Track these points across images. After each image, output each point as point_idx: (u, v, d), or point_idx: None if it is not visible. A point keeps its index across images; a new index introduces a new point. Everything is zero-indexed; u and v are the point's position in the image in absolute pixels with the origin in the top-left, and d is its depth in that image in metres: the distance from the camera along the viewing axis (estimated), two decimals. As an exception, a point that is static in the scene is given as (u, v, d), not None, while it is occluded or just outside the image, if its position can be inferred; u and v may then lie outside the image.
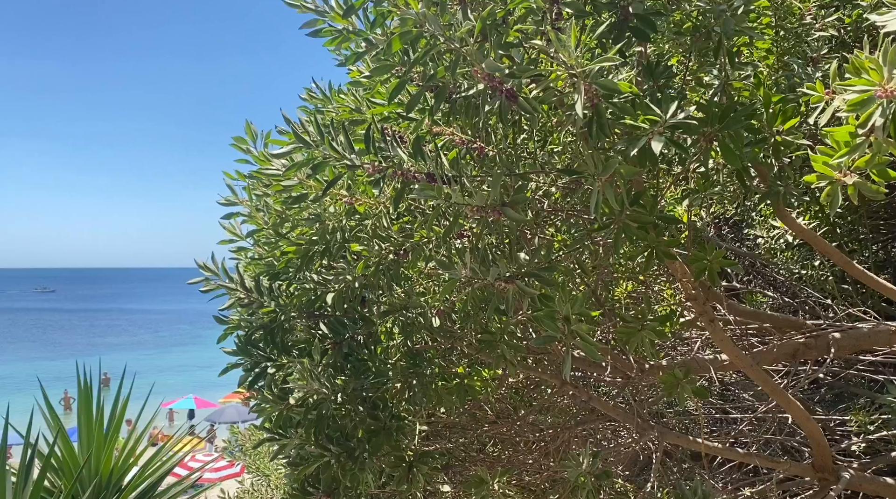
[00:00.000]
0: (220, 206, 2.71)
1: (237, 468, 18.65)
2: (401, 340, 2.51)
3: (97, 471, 4.28)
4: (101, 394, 4.45)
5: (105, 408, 4.44)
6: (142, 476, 4.36)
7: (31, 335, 71.95)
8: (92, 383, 4.47)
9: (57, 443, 4.21)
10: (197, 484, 5.95)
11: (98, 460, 4.29)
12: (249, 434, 6.77)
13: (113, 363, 4.35)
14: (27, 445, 3.71)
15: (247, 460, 6.32)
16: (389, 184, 2.04)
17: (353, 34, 1.94)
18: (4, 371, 47.09)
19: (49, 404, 4.62)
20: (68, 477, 4.19)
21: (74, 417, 5.52)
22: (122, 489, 4.27)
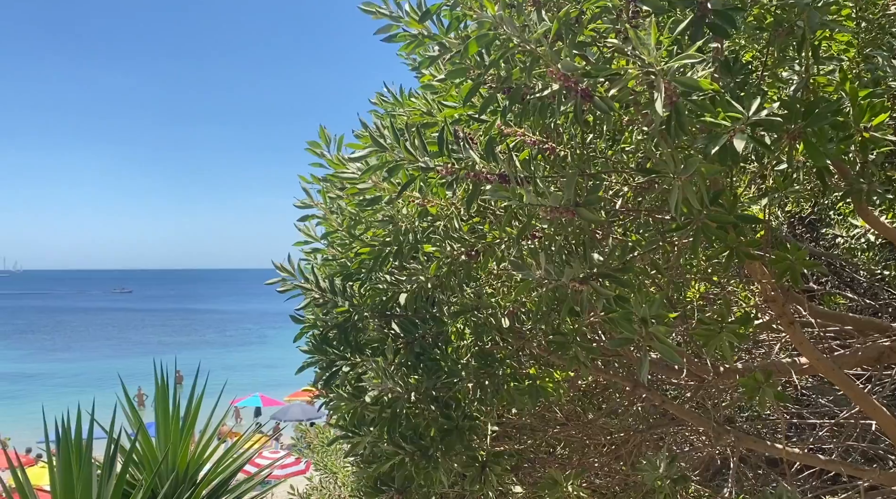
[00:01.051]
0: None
1: (302, 465, 19.03)
2: (471, 341, 2.52)
3: (174, 465, 4.41)
4: (176, 391, 4.59)
5: (178, 404, 4.56)
6: (215, 471, 4.48)
7: (107, 334, 75.08)
8: (168, 381, 4.61)
9: (137, 438, 4.37)
10: (265, 481, 6.10)
11: (175, 454, 4.42)
12: (317, 432, 6.89)
13: (183, 362, 4.49)
14: (110, 439, 3.84)
15: (315, 457, 6.44)
16: (461, 185, 2.06)
17: (428, 38, 1.96)
18: (82, 368, 49.28)
19: (129, 400, 4.80)
20: (148, 471, 4.34)
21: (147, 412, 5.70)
22: (196, 484, 4.39)
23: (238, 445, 4.72)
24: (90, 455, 3.78)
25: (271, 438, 22.80)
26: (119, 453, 4.06)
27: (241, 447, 4.77)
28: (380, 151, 1.97)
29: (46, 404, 16.97)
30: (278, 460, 10.86)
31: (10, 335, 73.26)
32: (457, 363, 2.46)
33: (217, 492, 4.51)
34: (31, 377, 45.76)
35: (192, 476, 4.47)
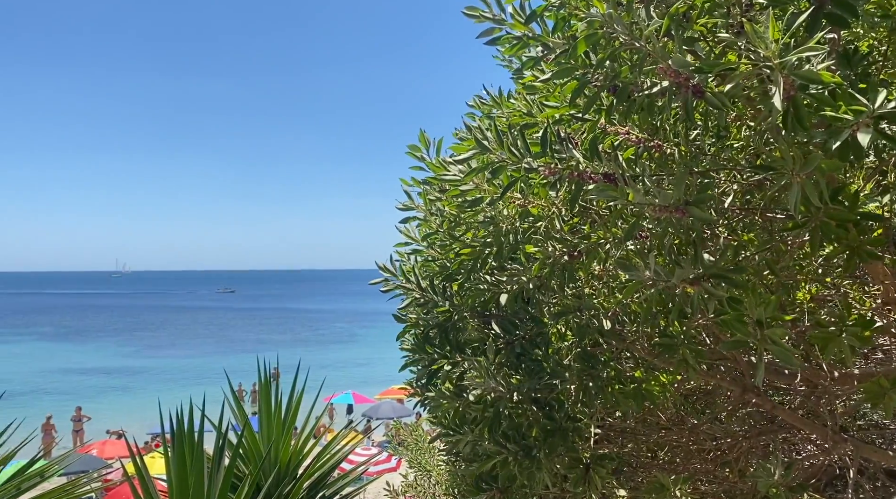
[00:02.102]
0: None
1: (393, 463, 19.33)
2: (572, 342, 2.50)
3: (276, 459, 4.55)
4: (278, 387, 4.73)
5: (280, 400, 4.70)
6: (315, 466, 4.60)
7: (210, 332, 78.66)
8: (270, 377, 4.75)
9: (244, 433, 4.53)
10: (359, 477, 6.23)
11: (277, 449, 4.57)
12: (411, 430, 7.00)
13: (279, 359, 4.68)
14: (219, 433, 4.00)
15: (409, 454, 6.54)
16: (564, 186, 2.05)
17: (532, 40, 1.97)
18: (187, 364, 51.81)
19: (235, 395, 5.01)
20: (253, 464, 4.50)
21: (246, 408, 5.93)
22: (297, 478, 4.52)
23: (336, 441, 4.84)
24: (202, 447, 3.95)
25: (366, 436, 23.28)
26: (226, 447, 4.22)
27: (339, 444, 4.88)
28: (483, 152, 1.98)
29: (154, 398, 17.90)
30: (373, 458, 11.03)
31: (121, 332, 78.01)
32: (559, 364, 2.45)
33: (316, 486, 4.63)
34: (141, 372, 48.50)
35: (294, 470, 4.60)
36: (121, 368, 50.39)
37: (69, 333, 77.10)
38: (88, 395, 38.28)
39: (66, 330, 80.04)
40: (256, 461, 4.46)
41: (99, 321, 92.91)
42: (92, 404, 33.66)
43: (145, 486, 3.85)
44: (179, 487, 3.85)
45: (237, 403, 4.90)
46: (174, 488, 3.86)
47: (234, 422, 4.71)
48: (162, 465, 5.29)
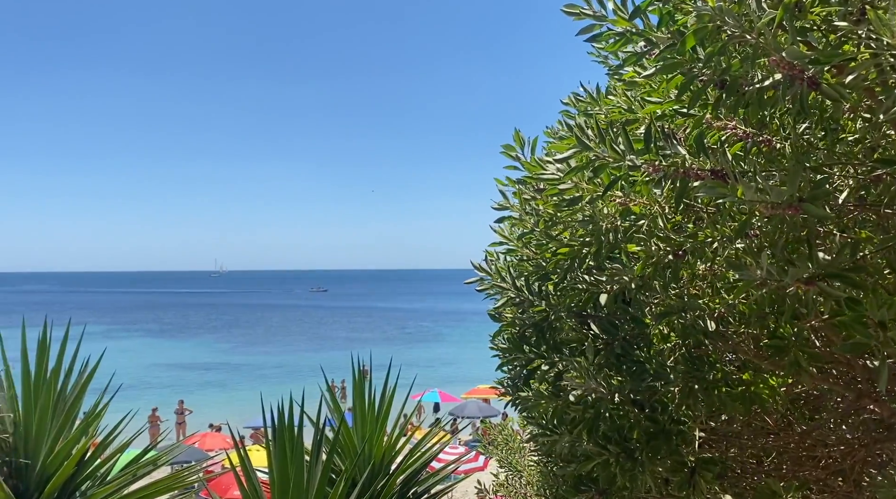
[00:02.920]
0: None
1: (480, 462, 19.37)
2: (675, 343, 2.44)
3: (370, 455, 4.63)
4: (371, 384, 4.80)
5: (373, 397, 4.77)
6: (407, 463, 4.65)
7: (301, 329, 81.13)
8: (363, 374, 4.83)
9: (340, 428, 4.64)
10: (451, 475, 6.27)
11: (371, 444, 4.65)
12: (500, 429, 7.00)
13: (367, 357, 4.78)
14: (317, 428, 4.10)
15: (499, 454, 6.55)
16: (668, 183, 2.01)
17: (635, 35, 1.94)
18: (281, 361, 53.61)
19: (332, 391, 5.14)
20: (349, 459, 4.59)
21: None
22: (390, 474, 4.59)
23: (427, 438, 4.89)
24: (301, 442, 4.06)
25: (454, 435, 23.42)
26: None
27: (430, 441, 4.93)
28: (583, 150, 1.97)
29: (251, 393, 18.73)
30: (464, 457, 11.08)
31: (219, 329, 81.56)
32: (662, 366, 2.40)
33: (408, 483, 4.68)
34: (238, 368, 50.54)
35: (387, 466, 4.68)
36: (219, 363, 52.66)
37: (172, 329, 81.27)
38: (189, 389, 40.19)
39: (170, 327, 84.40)
40: (351, 457, 4.56)
41: (199, 319, 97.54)
42: (192, 397, 35.32)
43: (249, 477, 4.00)
44: (280, 480, 3.97)
45: (333, 399, 5.03)
46: (275, 480, 3.98)
47: (329, 417, 4.82)
48: (259, 457, 5.49)
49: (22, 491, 3.79)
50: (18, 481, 3.80)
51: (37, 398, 3.96)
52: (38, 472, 3.86)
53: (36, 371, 4.01)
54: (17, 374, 4.06)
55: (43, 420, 3.93)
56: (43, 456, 3.89)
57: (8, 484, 3.63)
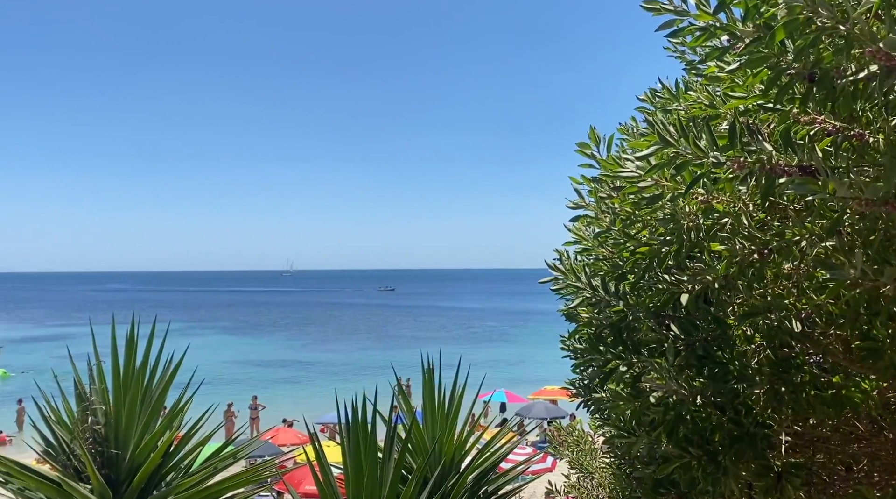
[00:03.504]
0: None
1: (548, 463, 19.21)
2: (760, 345, 2.37)
3: (441, 453, 4.64)
4: (441, 382, 4.81)
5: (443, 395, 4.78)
6: (477, 462, 4.65)
7: (369, 328, 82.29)
8: (433, 372, 4.85)
9: (412, 426, 4.68)
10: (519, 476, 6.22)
11: (442, 443, 4.66)
12: (570, 430, 6.93)
13: (434, 356, 4.79)
14: (389, 426, 4.15)
15: (570, 455, 6.48)
16: (753, 179, 1.95)
17: (720, 30, 1.89)
18: (350, 358, 54.51)
19: (402, 389, 5.19)
20: (421, 457, 4.62)
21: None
22: (461, 472, 4.59)
23: (497, 438, 4.89)
24: (375, 439, 4.11)
25: (523, 436, 23.32)
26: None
27: (499, 441, 4.92)
28: (665, 147, 1.93)
29: (321, 389, 19.04)
30: (534, 457, 11.01)
31: (290, 327, 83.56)
32: (746, 367, 2.33)
33: (478, 482, 4.69)
34: (309, 365, 51.66)
35: (457, 465, 4.69)
36: (290, 360, 53.96)
37: (245, 327, 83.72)
38: (262, 385, 41.29)
39: (243, 324, 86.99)
40: (422, 455, 4.59)
41: (271, 316, 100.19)
42: (265, 393, 36.29)
43: (324, 472, 4.07)
44: (355, 476, 4.03)
45: (404, 397, 5.08)
46: (350, 476, 4.04)
47: (398, 415, 4.86)
48: (330, 453, 5.58)
49: (113, 480, 3.98)
50: (110, 471, 3.99)
51: (126, 392, 4.15)
52: (128, 462, 4.05)
53: (125, 366, 4.20)
54: (107, 368, 4.26)
55: (132, 413, 4.12)
56: (132, 447, 4.07)
57: (101, 473, 3.81)
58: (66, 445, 4.12)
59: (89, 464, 3.75)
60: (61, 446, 4.15)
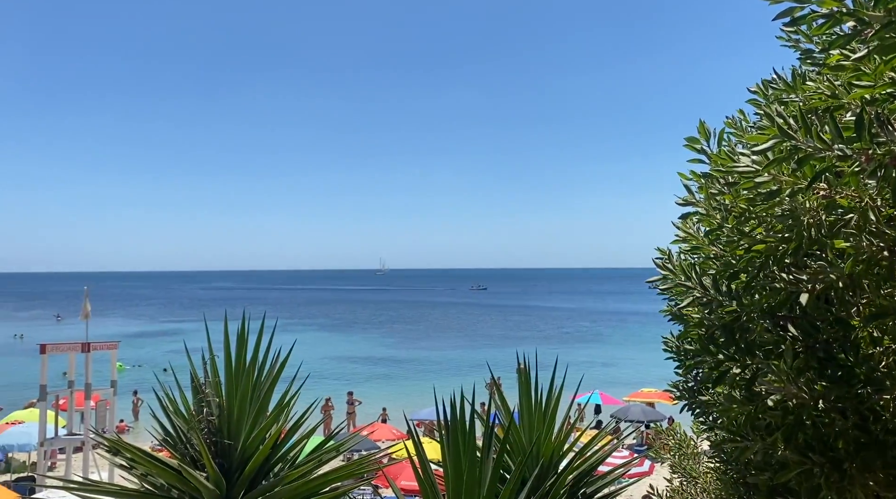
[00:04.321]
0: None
1: (646, 467, 18.73)
2: (888, 347, 2.22)
3: (538, 453, 4.60)
4: (538, 381, 4.76)
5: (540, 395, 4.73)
6: (576, 463, 4.58)
7: (460, 326, 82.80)
8: (529, 371, 4.80)
9: (510, 425, 4.65)
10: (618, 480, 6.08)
11: (540, 443, 4.62)
12: (672, 433, 6.75)
13: (522, 356, 4.74)
14: (486, 425, 4.14)
15: (672, 459, 6.31)
16: (882, 172, 1.84)
17: (846, 15, 1.79)
18: (441, 357, 55.00)
19: (498, 387, 5.18)
20: (520, 457, 4.59)
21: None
22: (559, 473, 4.53)
23: (596, 440, 4.81)
24: (473, 437, 4.12)
25: (620, 439, 22.90)
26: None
27: (598, 443, 4.84)
28: (786, 140, 1.85)
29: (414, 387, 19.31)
30: (633, 460, 10.77)
31: (384, 325, 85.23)
32: (874, 371, 2.20)
33: (577, 484, 4.61)
34: (402, 362, 52.49)
35: (555, 465, 4.63)
36: (384, 357, 54.99)
37: (341, 324, 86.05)
38: (358, 381, 42.32)
39: (339, 322, 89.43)
40: (520, 454, 4.56)
41: (365, 314, 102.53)
42: (361, 389, 37.15)
43: (425, 468, 4.12)
44: (454, 473, 4.05)
45: (501, 396, 5.07)
46: (449, 474, 4.06)
47: (494, 414, 4.84)
48: (426, 449, 5.64)
49: (226, 469, 4.17)
50: (223, 460, 4.18)
51: (237, 385, 4.34)
52: (240, 453, 4.23)
53: (236, 361, 4.40)
54: (218, 362, 4.47)
55: (243, 405, 4.30)
56: (243, 438, 4.26)
57: (215, 462, 4.00)
58: (183, 434, 4.35)
59: (205, 453, 3.95)
60: (178, 436, 4.38)
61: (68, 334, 70.75)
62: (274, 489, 4.10)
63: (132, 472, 4.30)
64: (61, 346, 18.54)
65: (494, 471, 4.03)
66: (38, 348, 17.96)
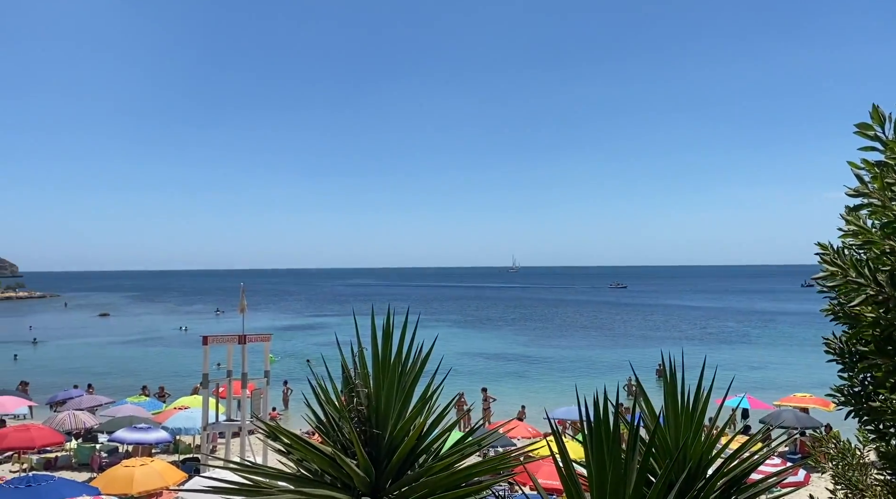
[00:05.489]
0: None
1: (800, 476, 17.55)
2: None
3: (685, 457, 4.42)
4: (684, 384, 4.57)
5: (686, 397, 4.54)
6: (725, 469, 4.36)
7: (595, 325, 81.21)
8: (676, 372, 4.62)
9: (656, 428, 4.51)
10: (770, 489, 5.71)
11: (688, 446, 4.43)
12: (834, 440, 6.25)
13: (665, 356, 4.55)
14: (631, 427, 4.02)
15: (835, 468, 5.85)
16: None
17: None
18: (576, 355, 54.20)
19: (642, 388, 5.03)
20: (665, 459, 4.44)
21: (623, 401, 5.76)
22: (708, 479, 4.33)
23: (748, 445, 4.56)
24: (619, 438, 4.02)
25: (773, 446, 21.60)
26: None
27: (750, 449, 4.59)
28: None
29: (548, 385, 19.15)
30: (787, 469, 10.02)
31: (516, 322, 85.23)
32: None
33: (728, 491, 4.40)
34: (535, 360, 52.26)
35: (703, 470, 4.43)
36: (517, 355, 54.99)
37: (473, 321, 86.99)
38: (491, 378, 42.57)
39: (471, 318, 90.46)
40: (666, 457, 4.41)
41: (497, 311, 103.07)
42: (494, 385, 37.34)
43: (568, 468, 4.07)
44: (598, 475, 3.99)
45: (645, 397, 4.92)
46: (593, 475, 4.00)
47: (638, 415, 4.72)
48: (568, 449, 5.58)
49: (374, 458, 4.34)
50: (372, 449, 4.36)
51: (384, 377, 4.51)
52: (387, 442, 4.39)
53: (382, 354, 4.57)
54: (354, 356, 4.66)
55: (389, 397, 4.46)
56: (389, 429, 4.41)
57: (364, 450, 4.18)
58: (335, 422, 4.57)
59: (356, 442, 4.13)
60: (330, 424, 4.61)
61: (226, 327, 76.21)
62: (419, 480, 4.21)
63: (289, 457, 4.57)
64: (221, 337, 20.03)
65: (640, 474, 3.92)
66: (201, 340, 19.51)
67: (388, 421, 4.44)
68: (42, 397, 32.92)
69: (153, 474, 16.02)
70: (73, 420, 23.95)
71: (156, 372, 46.51)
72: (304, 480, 4.38)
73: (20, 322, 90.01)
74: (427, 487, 4.21)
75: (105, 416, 25.94)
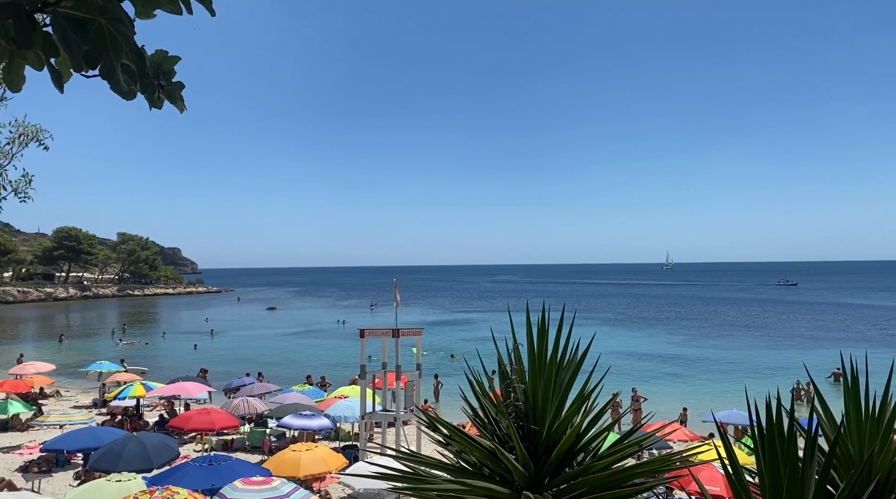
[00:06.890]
0: None
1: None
2: None
3: (871, 469, 4.11)
4: (867, 388, 4.24)
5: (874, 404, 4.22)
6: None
7: (759, 324, 76.19)
8: (859, 376, 4.30)
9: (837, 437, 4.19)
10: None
11: (874, 457, 4.12)
12: None
13: (851, 358, 4.14)
14: (808, 435, 3.75)
15: None
16: None
17: None
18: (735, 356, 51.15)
19: (819, 393, 4.67)
20: (845, 470, 4.15)
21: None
22: (897, 490, 4.00)
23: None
24: (795, 447, 3.78)
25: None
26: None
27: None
28: None
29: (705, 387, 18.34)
30: None
31: (671, 321, 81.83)
32: None
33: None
34: (691, 361, 49.91)
35: (892, 484, 4.09)
36: (671, 355, 52.81)
37: (625, 319, 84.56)
38: (643, 378, 41.19)
39: (623, 317, 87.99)
40: (849, 468, 4.12)
41: (650, 310, 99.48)
42: (646, 386, 36.13)
43: (738, 475, 3.89)
44: (773, 484, 3.79)
45: (822, 402, 4.59)
46: (766, 483, 3.80)
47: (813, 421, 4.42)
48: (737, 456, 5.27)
49: (533, 452, 4.34)
50: (530, 444, 4.35)
51: (541, 374, 4.50)
52: (545, 439, 4.37)
53: (538, 350, 4.56)
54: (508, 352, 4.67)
55: (546, 393, 4.44)
56: (547, 425, 4.39)
57: (522, 445, 4.18)
58: (492, 416, 4.62)
59: (515, 436, 4.14)
60: (487, 418, 4.66)
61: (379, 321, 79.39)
62: (578, 478, 4.15)
63: (447, 447, 4.67)
64: (376, 331, 20.91)
65: (819, 484, 3.68)
66: (358, 333, 20.48)
67: (546, 418, 4.42)
68: (219, 383, 35.93)
69: (318, 459, 17.02)
70: (246, 406, 25.98)
71: (317, 362, 49.37)
72: (463, 471, 4.45)
73: (199, 315, 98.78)
74: (586, 485, 4.15)
75: (273, 402, 27.87)
